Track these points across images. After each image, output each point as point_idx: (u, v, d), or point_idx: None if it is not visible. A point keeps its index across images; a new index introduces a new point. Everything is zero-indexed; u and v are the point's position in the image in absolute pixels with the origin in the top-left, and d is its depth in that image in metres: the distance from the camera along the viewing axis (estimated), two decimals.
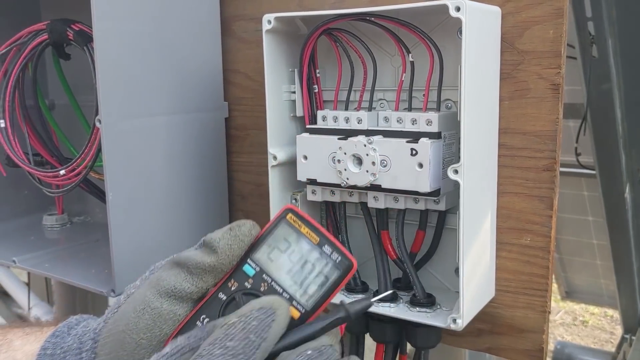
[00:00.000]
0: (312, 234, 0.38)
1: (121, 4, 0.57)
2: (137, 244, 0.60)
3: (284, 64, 0.58)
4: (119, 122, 0.57)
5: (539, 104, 0.53)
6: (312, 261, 0.38)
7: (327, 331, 0.36)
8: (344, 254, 0.37)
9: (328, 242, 0.38)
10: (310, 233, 0.38)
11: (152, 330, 0.38)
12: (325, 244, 0.38)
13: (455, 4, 0.46)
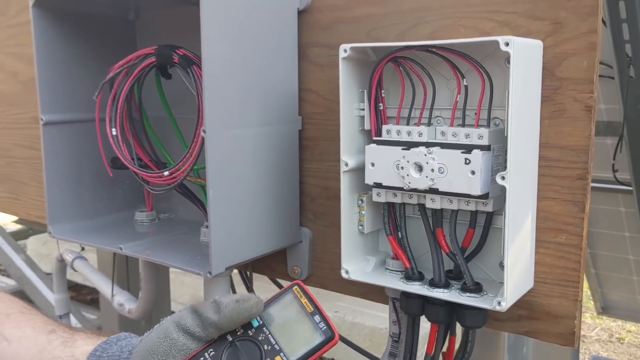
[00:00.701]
0: (308, 305, 0.52)
1: (222, 35, 0.69)
2: (229, 233, 0.72)
3: (355, 86, 0.70)
4: (219, 132, 0.69)
5: (574, 123, 0.62)
6: (303, 325, 0.51)
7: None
8: (330, 325, 0.50)
9: (319, 314, 0.51)
10: (307, 303, 0.52)
11: (167, 356, 0.51)
12: (317, 315, 0.51)
13: (505, 40, 0.57)
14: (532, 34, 0.63)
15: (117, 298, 1.11)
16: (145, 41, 0.96)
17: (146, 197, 0.95)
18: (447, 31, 0.69)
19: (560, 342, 0.66)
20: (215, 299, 0.53)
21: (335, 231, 0.82)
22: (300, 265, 0.86)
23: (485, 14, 0.66)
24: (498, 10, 0.66)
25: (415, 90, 0.68)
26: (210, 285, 0.83)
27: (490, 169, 0.62)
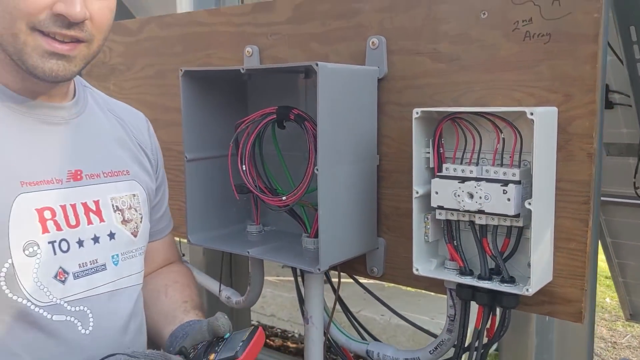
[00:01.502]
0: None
1: (330, 100, 0.98)
2: (331, 240, 1.00)
3: (423, 135, 0.98)
4: (326, 169, 0.98)
5: (580, 165, 0.90)
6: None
7: None
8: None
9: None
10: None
11: None
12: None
13: (530, 111, 0.84)
14: (550, 103, 0.91)
15: (224, 293, 1.41)
16: (254, 94, 1.26)
17: (255, 213, 1.25)
18: (489, 98, 0.97)
19: (572, 319, 0.93)
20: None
21: (403, 241, 1.10)
22: (377, 266, 1.15)
23: (516, 87, 0.94)
24: (526, 85, 0.93)
25: (467, 139, 0.96)
26: (310, 279, 1.12)
27: (521, 197, 0.89)
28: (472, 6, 0.97)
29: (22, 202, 0.84)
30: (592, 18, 0.86)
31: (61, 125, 0.93)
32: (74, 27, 0.83)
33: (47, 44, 0.82)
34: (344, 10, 1.12)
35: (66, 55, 0.84)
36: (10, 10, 0.80)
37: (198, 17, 1.37)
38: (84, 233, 0.91)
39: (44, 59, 0.83)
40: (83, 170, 0.94)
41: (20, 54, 0.83)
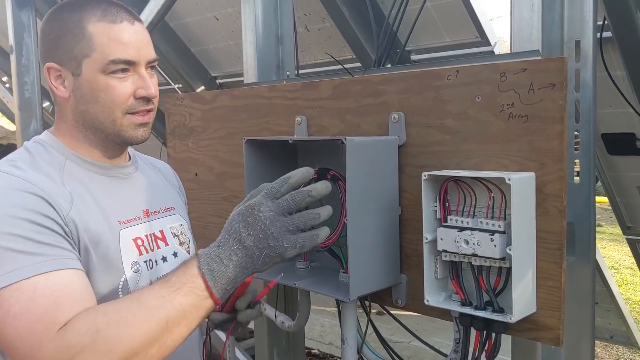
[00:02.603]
0: None
1: (357, 164, 1.25)
2: (360, 275, 1.26)
3: (431, 193, 1.23)
4: (355, 219, 1.25)
5: (553, 219, 1.12)
6: None
7: None
8: None
9: None
10: None
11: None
12: None
13: (508, 177, 1.09)
14: (529, 169, 1.15)
15: (279, 318, 1.69)
16: (302, 155, 1.55)
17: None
18: (483, 163, 1.22)
19: (552, 343, 1.15)
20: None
21: (420, 277, 1.34)
22: (400, 298, 1.40)
23: (504, 155, 1.19)
24: (511, 154, 1.18)
25: (466, 196, 1.21)
26: (345, 307, 1.39)
27: (505, 244, 1.13)
28: (470, 92, 1.23)
29: (124, 235, 1.17)
30: (558, 105, 1.10)
31: (128, 179, 1.26)
32: (150, 102, 1.17)
33: (136, 119, 1.16)
34: (372, 91, 1.40)
35: (147, 122, 1.19)
36: (108, 104, 1.14)
37: (259, 92, 1.68)
38: (159, 254, 1.24)
39: (135, 130, 1.17)
40: (149, 209, 1.27)
41: (119, 133, 1.16)
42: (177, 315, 0.95)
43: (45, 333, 0.91)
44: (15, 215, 1.00)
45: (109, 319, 0.92)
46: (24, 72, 3.55)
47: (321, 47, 2.82)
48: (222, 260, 0.98)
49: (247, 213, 1.00)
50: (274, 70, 2.08)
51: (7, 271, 0.95)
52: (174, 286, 0.97)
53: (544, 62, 1.13)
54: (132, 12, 1.18)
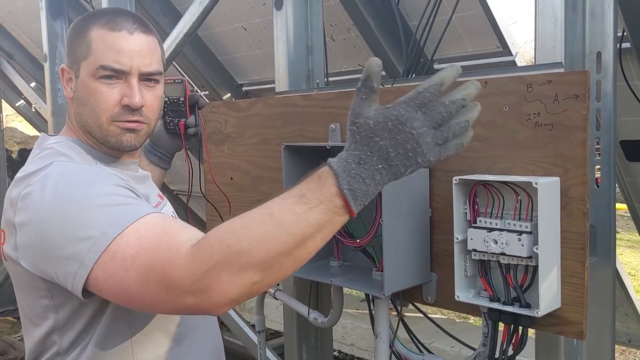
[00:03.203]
0: None
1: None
2: (393, 272, 1.35)
3: (461, 196, 1.32)
4: (389, 220, 1.34)
5: (577, 221, 1.21)
6: None
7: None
8: None
9: None
10: None
11: None
12: None
13: (535, 181, 1.17)
14: (554, 174, 1.23)
15: (311, 315, 1.78)
16: None
17: (336, 251, 1.62)
18: (511, 169, 1.30)
19: (575, 337, 1.23)
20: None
21: (450, 276, 1.43)
22: (430, 295, 1.48)
23: (530, 161, 1.27)
24: (537, 160, 1.26)
25: (494, 199, 1.29)
26: (378, 304, 1.47)
27: (532, 243, 1.21)
28: (497, 102, 1.32)
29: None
30: (581, 114, 1.19)
31: (139, 172, 1.37)
32: (136, 113, 1.20)
33: (122, 124, 1.21)
34: None
35: (134, 129, 1.22)
36: (95, 108, 1.19)
37: (294, 100, 1.78)
38: None
39: (121, 135, 1.22)
40: (161, 195, 1.42)
41: (106, 138, 1.22)
42: (312, 231, 0.92)
43: (171, 253, 0.94)
44: (104, 181, 1.10)
45: (239, 236, 0.91)
46: (57, 80, 3.68)
47: (346, 57, 2.92)
48: (364, 179, 0.92)
49: (397, 129, 0.91)
50: (304, 79, 2.18)
51: (109, 225, 1.01)
52: (309, 203, 0.92)
53: (569, 74, 1.22)
54: (141, 23, 1.23)
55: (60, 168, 1.13)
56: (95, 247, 1.00)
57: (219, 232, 0.95)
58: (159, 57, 1.25)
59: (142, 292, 0.98)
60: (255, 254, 0.91)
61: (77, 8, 3.79)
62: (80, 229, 1.02)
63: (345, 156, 0.94)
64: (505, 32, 2.33)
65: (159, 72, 1.24)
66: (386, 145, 0.92)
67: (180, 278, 0.93)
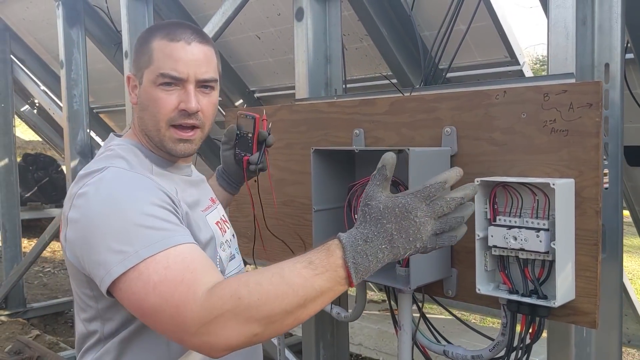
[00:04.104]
0: None
1: (417, 169, 1.44)
2: (417, 267, 1.46)
3: (482, 196, 1.42)
4: None
5: (590, 218, 1.32)
6: None
7: None
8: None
9: None
10: None
11: None
12: None
13: (553, 182, 1.28)
14: (569, 176, 1.34)
15: (334, 310, 1.88)
16: (360, 164, 1.75)
17: None
18: (528, 172, 1.41)
19: (588, 326, 1.34)
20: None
21: (470, 271, 1.53)
22: (451, 289, 1.59)
23: (546, 165, 1.38)
24: (553, 164, 1.37)
25: (513, 199, 1.40)
26: (402, 298, 1.58)
27: (549, 240, 1.32)
28: (516, 109, 1.43)
29: (209, 220, 1.38)
30: (594, 121, 1.30)
31: (192, 175, 1.46)
32: (192, 117, 1.30)
33: (177, 134, 1.31)
34: (427, 107, 1.60)
35: (188, 139, 1.33)
36: (155, 113, 1.30)
37: (319, 107, 1.89)
38: (228, 235, 1.46)
39: (176, 144, 1.32)
40: (212, 197, 1.49)
41: (162, 142, 1.33)
42: (315, 295, 1.03)
43: (189, 294, 1.03)
44: (147, 200, 1.17)
45: (251, 290, 1.02)
46: (73, 86, 3.78)
47: (358, 65, 3.03)
48: (368, 256, 1.04)
49: (402, 216, 1.04)
50: (323, 87, 2.29)
51: (144, 246, 1.09)
52: (316, 269, 1.03)
53: (583, 85, 1.33)
54: (198, 34, 1.33)
55: (114, 174, 1.23)
56: (125, 261, 1.09)
57: (233, 283, 1.05)
58: (214, 66, 1.35)
59: (154, 318, 1.08)
60: (262, 309, 1.01)
61: (94, 16, 3.90)
62: (117, 241, 1.11)
63: (354, 233, 1.06)
64: (514, 42, 2.45)
65: (214, 79, 1.34)
66: (392, 228, 1.04)
67: (191, 320, 1.03)
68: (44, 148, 10.50)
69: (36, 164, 8.52)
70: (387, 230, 1.04)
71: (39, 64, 5.05)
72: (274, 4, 3.01)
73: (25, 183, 8.07)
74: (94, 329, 1.29)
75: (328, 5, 2.27)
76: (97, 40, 4.07)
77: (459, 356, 1.56)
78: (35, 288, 6.31)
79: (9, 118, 5.11)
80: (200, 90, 1.31)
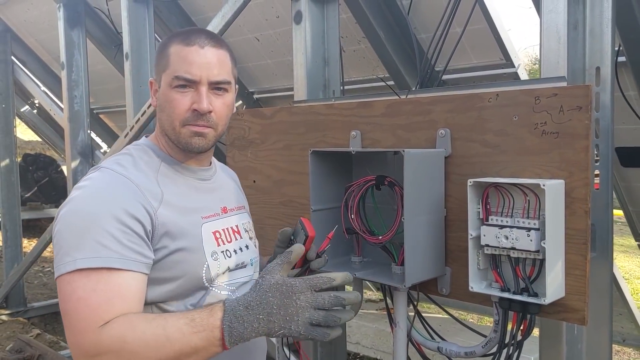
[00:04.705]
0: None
1: (412, 173, 1.48)
2: (412, 266, 1.50)
3: (475, 197, 1.46)
4: (410, 218, 1.48)
5: (579, 218, 1.35)
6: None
7: None
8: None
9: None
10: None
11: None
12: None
13: (543, 183, 1.32)
14: (559, 177, 1.38)
15: None
16: (356, 165, 1.79)
17: (357, 248, 1.76)
18: (519, 173, 1.45)
19: (578, 323, 1.38)
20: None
21: (463, 269, 1.57)
22: (445, 287, 1.62)
23: (537, 166, 1.42)
24: (544, 165, 1.41)
25: (505, 199, 1.44)
26: (397, 295, 1.62)
27: (539, 239, 1.36)
28: (508, 112, 1.47)
29: (205, 228, 1.40)
30: (584, 124, 1.34)
31: (209, 180, 1.48)
32: (204, 118, 1.34)
33: (192, 128, 1.35)
34: (422, 110, 1.64)
35: (202, 133, 1.36)
36: (170, 114, 1.35)
37: (317, 109, 1.93)
38: (235, 246, 1.46)
39: (191, 138, 1.36)
40: (227, 207, 1.50)
41: (179, 140, 1.37)
42: (189, 352, 1.15)
43: (92, 325, 1.15)
44: (110, 212, 1.23)
45: (135, 336, 1.14)
46: (74, 87, 3.82)
47: (356, 67, 3.07)
48: (244, 323, 1.15)
49: (287, 294, 1.16)
50: (321, 88, 2.33)
51: (85, 257, 1.19)
52: (195, 328, 1.15)
53: (573, 88, 1.37)
54: (212, 39, 1.37)
55: (99, 181, 1.31)
56: (67, 265, 1.20)
57: (124, 325, 1.16)
58: (228, 69, 1.38)
59: (65, 324, 1.20)
60: (141, 356, 1.14)
61: (95, 18, 3.93)
62: (70, 244, 1.22)
63: (239, 299, 1.18)
64: (509, 45, 2.49)
65: (227, 81, 1.37)
66: (273, 302, 1.16)
67: (86, 347, 1.16)
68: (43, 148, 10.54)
69: (36, 164, 8.55)
70: (269, 303, 1.15)
71: (39, 65, 5.09)
72: (273, 7, 3.05)
73: (25, 183, 8.10)
74: None
75: (326, 8, 2.31)
76: (97, 42, 4.11)
77: (453, 353, 1.59)
78: (36, 287, 6.34)
79: (9, 119, 5.14)
80: (213, 92, 1.35)
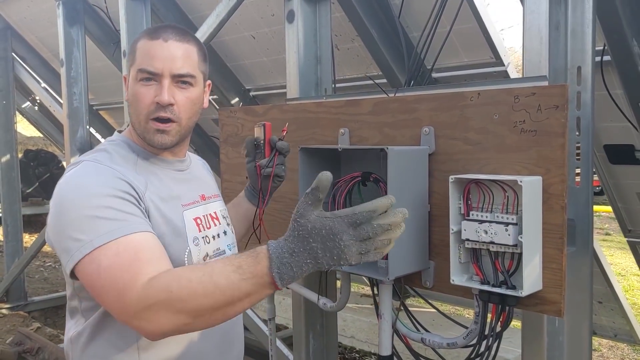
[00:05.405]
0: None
1: (396, 170, 1.53)
2: (397, 259, 1.54)
3: (456, 193, 1.51)
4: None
5: (556, 214, 1.40)
6: None
7: None
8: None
9: None
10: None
11: None
12: None
13: (520, 179, 1.37)
14: (537, 173, 1.43)
15: (321, 301, 1.97)
16: (344, 161, 1.83)
17: None
18: (500, 169, 1.50)
19: (555, 315, 1.42)
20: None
21: (446, 263, 1.62)
22: (428, 280, 1.67)
23: (516, 163, 1.47)
24: (522, 162, 1.45)
25: (485, 195, 1.49)
26: (382, 288, 1.66)
27: (517, 233, 1.40)
28: (489, 111, 1.51)
29: (186, 215, 1.45)
30: (560, 122, 1.38)
31: (186, 171, 1.54)
32: (167, 111, 1.36)
33: (155, 125, 1.39)
34: (407, 108, 1.69)
35: (164, 130, 1.38)
36: (136, 107, 1.39)
37: (307, 107, 1.98)
38: (213, 232, 1.51)
39: (154, 135, 1.40)
40: (205, 194, 1.55)
41: (144, 134, 1.41)
42: (242, 296, 1.14)
43: (131, 281, 1.16)
44: (104, 192, 1.28)
45: (181, 285, 1.13)
46: (73, 84, 3.87)
47: (349, 65, 3.11)
48: (293, 267, 1.12)
49: (328, 238, 1.10)
50: (314, 87, 2.38)
51: (97, 235, 1.22)
52: (244, 274, 1.13)
53: (550, 88, 1.41)
54: (179, 33, 1.40)
55: (83, 169, 1.35)
56: (82, 248, 1.22)
57: (168, 277, 1.16)
58: (193, 63, 1.41)
59: (103, 298, 1.22)
60: (190, 303, 1.13)
61: (93, 16, 3.98)
62: (76, 231, 1.24)
63: (282, 244, 1.14)
64: (498, 44, 2.53)
65: (190, 74, 1.39)
66: (317, 247, 1.11)
67: (130, 304, 1.16)
68: (44, 144, 10.60)
69: (37, 159, 8.61)
70: (312, 249, 1.11)
71: (39, 61, 5.14)
72: (268, 5, 3.09)
73: (27, 179, 8.17)
74: (75, 305, 1.43)
75: (318, 7, 2.35)
76: (96, 39, 4.15)
77: (436, 343, 1.64)
78: (36, 282, 6.41)
79: (10, 115, 5.20)
80: (177, 86, 1.38)
